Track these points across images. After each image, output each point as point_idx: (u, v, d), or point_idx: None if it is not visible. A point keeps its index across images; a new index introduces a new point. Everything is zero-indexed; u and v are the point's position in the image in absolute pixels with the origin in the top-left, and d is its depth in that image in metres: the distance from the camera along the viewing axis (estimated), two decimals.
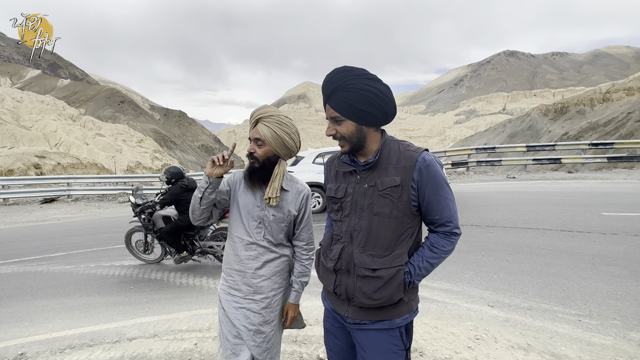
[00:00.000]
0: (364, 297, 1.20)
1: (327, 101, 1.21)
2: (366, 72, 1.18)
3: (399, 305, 1.21)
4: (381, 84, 1.18)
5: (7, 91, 62.06)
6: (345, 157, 1.29)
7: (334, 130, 1.22)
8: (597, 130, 24.10)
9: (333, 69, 1.21)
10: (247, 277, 1.48)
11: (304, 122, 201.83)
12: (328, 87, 1.19)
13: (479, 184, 11.40)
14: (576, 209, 6.60)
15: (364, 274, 1.19)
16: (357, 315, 1.24)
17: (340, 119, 1.19)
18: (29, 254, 5.78)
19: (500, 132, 38.80)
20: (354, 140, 1.20)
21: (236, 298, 1.49)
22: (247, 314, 1.47)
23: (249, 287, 1.48)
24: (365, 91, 1.15)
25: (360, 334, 1.26)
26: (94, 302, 3.80)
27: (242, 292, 1.49)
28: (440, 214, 1.19)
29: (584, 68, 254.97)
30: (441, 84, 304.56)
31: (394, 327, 1.22)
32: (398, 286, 1.17)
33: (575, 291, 3.38)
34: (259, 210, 1.49)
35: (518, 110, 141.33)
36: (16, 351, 2.80)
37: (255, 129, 1.45)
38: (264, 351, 1.50)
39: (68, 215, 10.03)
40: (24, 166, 26.88)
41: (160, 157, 61.53)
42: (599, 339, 2.58)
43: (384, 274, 1.17)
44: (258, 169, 1.47)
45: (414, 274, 1.19)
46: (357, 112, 1.17)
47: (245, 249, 1.49)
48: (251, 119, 1.48)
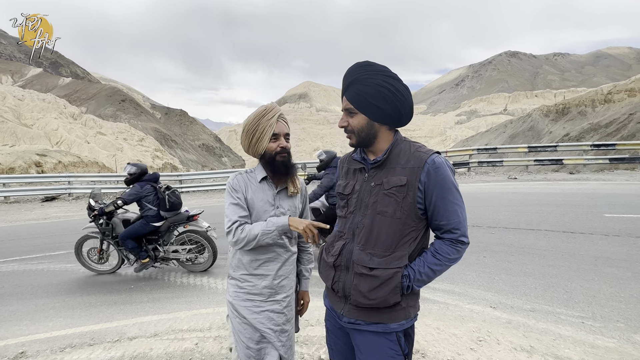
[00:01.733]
0: (359, 295, 1.18)
1: (344, 92, 1.22)
2: (386, 70, 1.18)
3: (395, 309, 1.18)
4: (400, 83, 1.18)
5: (9, 89, 62.12)
6: (357, 154, 1.29)
7: (345, 122, 1.22)
8: (599, 132, 24.04)
9: (355, 63, 1.21)
10: (267, 279, 1.46)
11: (305, 121, 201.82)
12: (347, 79, 1.20)
13: (480, 184, 11.37)
14: (578, 210, 6.58)
15: (361, 272, 1.18)
16: (352, 314, 1.23)
17: (354, 112, 1.19)
18: (29, 252, 5.77)
19: (501, 132, 38.74)
20: (362, 135, 1.20)
21: (257, 302, 1.46)
22: (271, 316, 1.47)
23: (271, 289, 1.47)
24: (381, 87, 1.15)
25: (357, 335, 1.24)
26: (95, 300, 3.79)
27: (263, 296, 1.46)
28: (447, 219, 1.16)
29: (585, 69, 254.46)
30: (442, 84, 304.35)
31: (389, 332, 1.20)
32: (394, 289, 1.15)
33: (578, 293, 3.36)
34: (274, 209, 1.48)
35: (519, 110, 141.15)
36: (16, 350, 2.79)
37: (280, 124, 1.46)
38: (288, 349, 1.52)
39: (69, 214, 10.03)
40: (25, 164, 26.89)
41: (161, 155, 61.58)
42: (603, 342, 2.56)
43: (381, 274, 1.15)
44: (288, 162, 1.47)
45: (413, 278, 1.16)
46: (370, 107, 1.16)
47: (265, 251, 1.46)
48: (274, 116, 1.46)
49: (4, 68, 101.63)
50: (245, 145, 1.51)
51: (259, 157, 1.50)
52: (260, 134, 1.45)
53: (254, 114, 1.48)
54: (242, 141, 1.54)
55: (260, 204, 1.47)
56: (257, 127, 1.45)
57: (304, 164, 6.75)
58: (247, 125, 1.48)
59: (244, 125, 1.50)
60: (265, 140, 1.45)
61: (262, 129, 1.44)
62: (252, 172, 1.55)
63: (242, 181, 1.49)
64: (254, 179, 1.51)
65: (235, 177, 1.51)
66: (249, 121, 1.49)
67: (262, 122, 1.44)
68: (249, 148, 1.50)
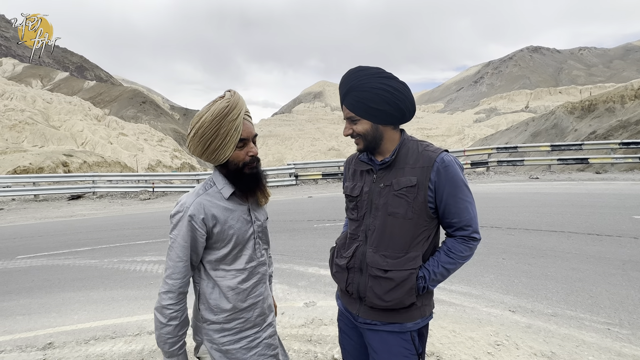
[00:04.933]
0: (374, 297, 1.18)
1: (342, 102, 1.21)
2: (380, 71, 1.17)
3: (410, 309, 1.18)
4: (396, 82, 1.16)
5: (38, 93, 65.35)
6: (363, 155, 1.28)
7: (350, 130, 1.22)
8: (628, 129, 22.84)
9: (348, 70, 1.20)
10: (258, 306, 1.22)
11: (320, 121, 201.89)
12: (343, 88, 1.20)
13: (500, 184, 11.05)
14: (605, 212, 6.28)
15: (376, 274, 1.18)
16: (368, 315, 1.23)
17: (356, 119, 1.18)
18: (57, 248, 6.06)
19: (522, 131, 37.48)
20: (369, 138, 1.19)
21: (252, 337, 1.21)
22: (268, 342, 1.25)
23: (262, 314, 1.24)
24: (379, 89, 1.14)
25: (371, 334, 1.24)
26: (117, 295, 3.94)
27: (258, 326, 1.22)
28: (458, 217, 1.16)
29: (614, 63, 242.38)
30: (460, 81, 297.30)
31: (404, 331, 1.20)
32: (410, 290, 1.14)
33: (604, 298, 3.21)
34: (250, 225, 1.20)
35: (542, 108, 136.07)
36: (45, 340, 2.95)
37: (247, 125, 1.14)
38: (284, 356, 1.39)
39: (93, 212, 10.45)
40: (53, 164, 28.22)
41: (180, 155, 63.13)
42: (631, 350, 2.44)
43: (396, 276, 1.15)
44: (259, 173, 1.18)
45: (428, 279, 1.16)
46: (371, 111, 1.15)
47: (250, 276, 1.19)
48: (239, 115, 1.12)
49: (34, 73, 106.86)
50: (197, 150, 1.12)
51: (217, 164, 1.15)
52: (222, 139, 1.08)
53: (213, 111, 1.08)
54: (190, 145, 1.14)
55: (237, 225, 1.15)
56: (217, 130, 1.07)
57: None
58: (203, 128, 1.08)
59: (196, 126, 1.10)
60: (229, 148, 1.10)
61: (225, 133, 1.08)
62: (212, 187, 1.16)
63: (201, 209, 1.09)
64: (220, 196, 1.15)
65: (194, 206, 1.09)
66: (205, 121, 1.08)
67: (224, 124, 1.07)
68: (203, 154, 1.12)
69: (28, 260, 5.39)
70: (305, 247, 5.28)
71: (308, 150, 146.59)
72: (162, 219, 8.40)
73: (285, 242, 5.53)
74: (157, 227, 7.42)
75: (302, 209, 8.42)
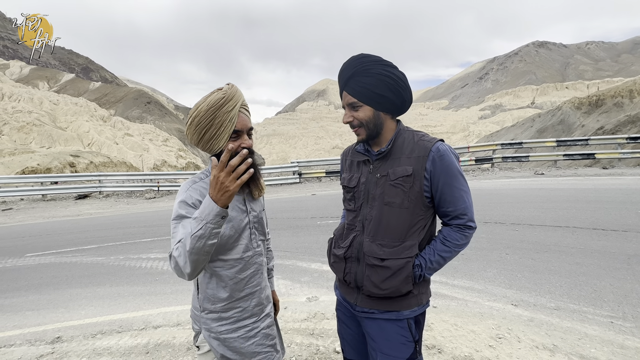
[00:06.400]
0: (372, 285, 1.20)
1: (344, 88, 1.21)
2: (382, 59, 1.19)
3: (407, 297, 1.20)
4: (398, 71, 1.18)
5: (45, 94, 66.14)
6: (360, 146, 1.29)
7: (351, 117, 1.21)
8: (637, 124, 22.50)
9: (350, 57, 1.21)
10: (255, 296, 1.24)
11: (323, 119, 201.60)
12: (346, 73, 1.19)
13: (505, 180, 10.96)
14: (611, 207, 6.21)
15: (372, 263, 1.20)
16: (365, 304, 1.25)
17: (358, 105, 1.18)
18: (64, 245, 6.16)
19: (528, 127, 37.08)
20: (371, 127, 1.19)
21: (249, 326, 1.22)
22: (266, 333, 1.27)
23: (259, 304, 1.25)
24: (383, 76, 1.15)
25: (369, 323, 1.26)
26: (123, 291, 4.01)
27: (256, 316, 1.24)
28: (454, 205, 1.17)
29: (622, 57, 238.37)
30: (464, 77, 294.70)
31: (401, 319, 1.22)
32: (406, 278, 1.16)
33: (607, 292, 3.19)
34: (246, 215, 1.22)
35: (548, 104, 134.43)
36: (53, 335, 3.01)
37: (242, 117, 1.16)
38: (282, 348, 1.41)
39: (99, 211, 10.59)
40: (60, 165, 28.60)
41: (185, 155, 63.56)
42: (633, 342, 2.43)
43: (392, 264, 1.17)
44: (253, 165, 1.15)
45: (424, 267, 1.18)
46: (375, 97, 1.16)
47: (247, 266, 1.21)
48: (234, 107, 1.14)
49: (41, 75, 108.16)
50: (193, 139, 1.16)
51: (212, 154, 1.16)
52: (216, 129, 1.11)
53: (209, 102, 1.11)
54: (188, 133, 1.17)
55: (233, 213, 1.17)
56: (212, 120, 1.10)
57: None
58: (199, 117, 1.11)
59: (193, 115, 1.13)
60: (223, 139, 1.12)
61: (220, 124, 1.11)
62: (208, 176, 1.19)
63: (197, 193, 1.13)
64: None
65: (189, 189, 1.13)
66: (201, 111, 1.11)
67: (219, 115, 1.10)
68: (198, 143, 1.15)
69: (37, 258, 5.49)
70: (308, 243, 5.31)
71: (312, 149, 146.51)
72: (167, 217, 8.48)
73: (288, 239, 5.56)
74: (162, 225, 7.50)
75: (305, 207, 8.45)
